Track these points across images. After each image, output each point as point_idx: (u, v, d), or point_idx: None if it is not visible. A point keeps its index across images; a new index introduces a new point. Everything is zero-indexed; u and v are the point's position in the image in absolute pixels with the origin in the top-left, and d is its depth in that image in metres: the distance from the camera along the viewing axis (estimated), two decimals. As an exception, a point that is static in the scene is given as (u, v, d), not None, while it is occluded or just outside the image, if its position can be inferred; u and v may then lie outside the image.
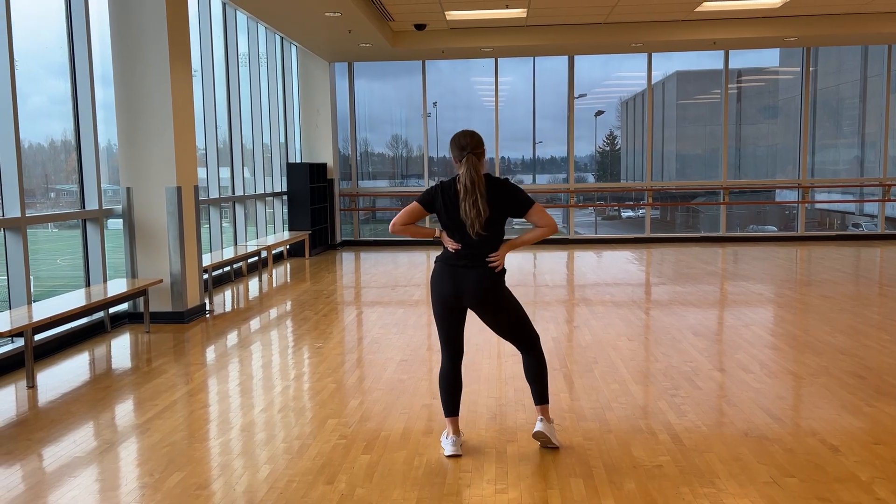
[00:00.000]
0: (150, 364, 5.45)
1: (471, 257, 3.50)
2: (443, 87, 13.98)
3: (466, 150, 3.48)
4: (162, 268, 6.90)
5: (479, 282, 3.49)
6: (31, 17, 6.17)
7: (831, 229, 14.60)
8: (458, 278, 3.50)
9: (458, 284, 3.50)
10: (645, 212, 13.78)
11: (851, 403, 4.22)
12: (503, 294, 3.58)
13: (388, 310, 7.33)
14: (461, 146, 3.50)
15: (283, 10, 8.98)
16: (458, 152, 3.50)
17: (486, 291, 3.51)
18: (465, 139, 3.52)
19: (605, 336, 5.98)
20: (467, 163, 3.45)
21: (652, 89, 13.38)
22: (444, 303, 3.56)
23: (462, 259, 3.51)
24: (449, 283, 3.52)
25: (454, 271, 3.51)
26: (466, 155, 3.46)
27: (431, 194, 3.57)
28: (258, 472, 3.40)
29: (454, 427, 3.62)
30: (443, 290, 3.54)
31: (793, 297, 7.71)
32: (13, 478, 3.40)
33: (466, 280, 3.49)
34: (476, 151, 3.49)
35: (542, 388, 3.65)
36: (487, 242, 3.50)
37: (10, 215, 5.59)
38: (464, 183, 3.42)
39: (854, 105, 14.34)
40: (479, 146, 3.52)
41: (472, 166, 3.44)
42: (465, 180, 3.43)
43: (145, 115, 6.76)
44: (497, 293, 3.54)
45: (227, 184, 9.84)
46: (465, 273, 3.50)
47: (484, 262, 3.50)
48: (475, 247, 3.49)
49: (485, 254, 3.50)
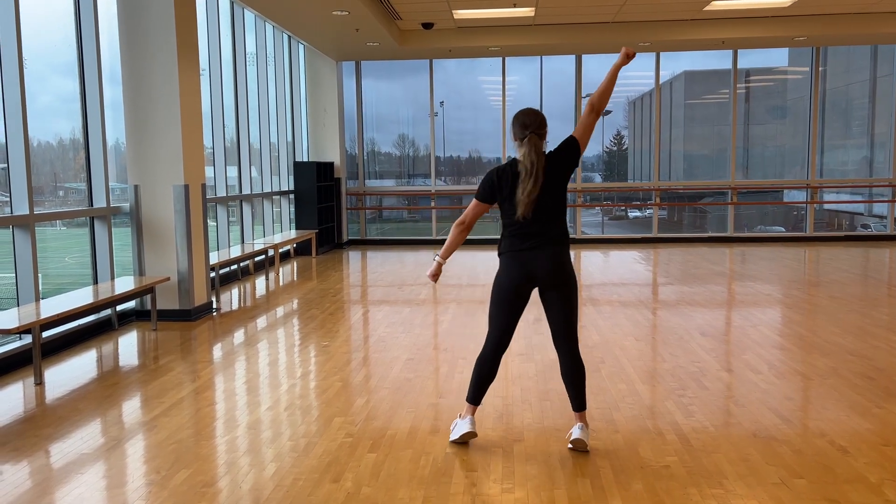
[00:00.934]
0: (157, 361, 5.46)
1: (538, 236, 3.43)
2: (450, 86, 13.98)
3: (529, 130, 3.40)
4: (169, 266, 6.91)
5: (552, 260, 3.43)
6: (40, 17, 6.19)
7: (840, 230, 14.53)
8: (530, 261, 3.44)
9: (531, 267, 3.44)
10: (652, 212, 13.74)
11: (860, 405, 4.19)
12: (573, 273, 3.52)
13: (394, 309, 7.33)
14: (524, 124, 3.42)
15: (290, 8, 8.99)
16: (520, 131, 3.42)
17: (559, 267, 3.44)
18: (529, 118, 3.43)
19: (613, 336, 5.96)
20: (529, 143, 3.38)
21: (660, 89, 13.34)
22: (515, 290, 3.48)
23: (529, 240, 3.43)
24: (521, 268, 3.45)
25: (525, 256, 3.44)
26: (528, 134, 3.39)
27: (489, 185, 3.49)
28: (264, 470, 3.40)
29: (470, 410, 3.60)
30: (515, 277, 3.47)
31: (801, 297, 7.67)
32: (20, 474, 3.41)
33: (538, 260, 3.43)
34: (539, 132, 3.41)
35: (582, 393, 3.57)
36: (551, 221, 3.43)
37: (19, 213, 5.61)
38: (525, 164, 3.36)
39: (863, 105, 14.26)
40: (542, 126, 3.44)
41: (533, 146, 3.37)
42: (526, 162, 3.36)
43: (153, 113, 6.77)
44: (567, 271, 3.48)
45: (234, 182, 9.85)
46: (536, 254, 3.43)
47: (551, 240, 3.43)
48: (540, 227, 3.42)
49: (550, 232, 3.43)
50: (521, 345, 5.64)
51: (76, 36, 6.54)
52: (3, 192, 5.87)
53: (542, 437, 3.74)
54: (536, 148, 3.38)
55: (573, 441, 3.54)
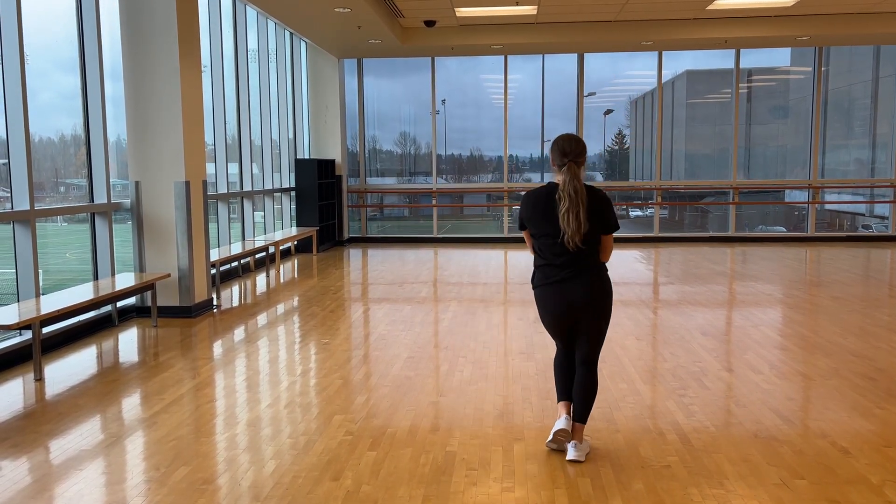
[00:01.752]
0: (157, 358, 5.45)
1: (572, 266, 3.38)
2: (451, 84, 13.96)
3: (569, 158, 3.36)
4: (170, 262, 6.91)
5: (589, 290, 3.38)
6: (42, 13, 6.18)
7: (841, 230, 14.51)
8: (566, 293, 3.39)
9: (568, 298, 3.39)
10: (653, 211, 13.72)
11: (862, 405, 4.18)
12: (610, 303, 3.48)
13: (395, 307, 7.32)
14: (563, 152, 3.38)
15: (292, 5, 8.97)
16: (560, 158, 3.39)
17: (598, 297, 3.40)
18: (570, 145, 3.39)
19: (613, 335, 5.95)
20: (569, 171, 3.34)
21: (662, 88, 13.32)
22: (558, 321, 3.47)
23: (564, 270, 3.39)
24: (558, 300, 3.41)
25: (559, 287, 3.40)
26: (568, 163, 3.35)
27: (523, 212, 3.49)
28: (264, 468, 3.39)
29: (566, 409, 3.55)
30: (553, 309, 3.44)
31: (802, 297, 7.65)
32: (20, 470, 3.40)
33: (575, 291, 3.38)
34: (578, 160, 3.37)
35: (587, 408, 3.52)
36: (588, 254, 3.39)
37: (20, 208, 5.60)
38: (567, 192, 3.30)
39: (865, 106, 14.24)
40: (581, 154, 3.40)
41: (574, 176, 3.33)
42: (568, 189, 3.30)
43: (155, 110, 6.76)
44: (606, 299, 3.44)
45: (235, 179, 9.84)
46: (570, 285, 3.39)
47: (588, 270, 3.39)
48: (575, 257, 3.37)
49: (583, 263, 3.38)
50: (522, 344, 5.63)
51: (78, 32, 6.53)
52: (4, 187, 5.86)
53: (542, 436, 3.73)
54: (576, 177, 3.33)
55: (568, 459, 3.44)
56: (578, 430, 3.49)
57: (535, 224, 3.44)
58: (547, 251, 3.43)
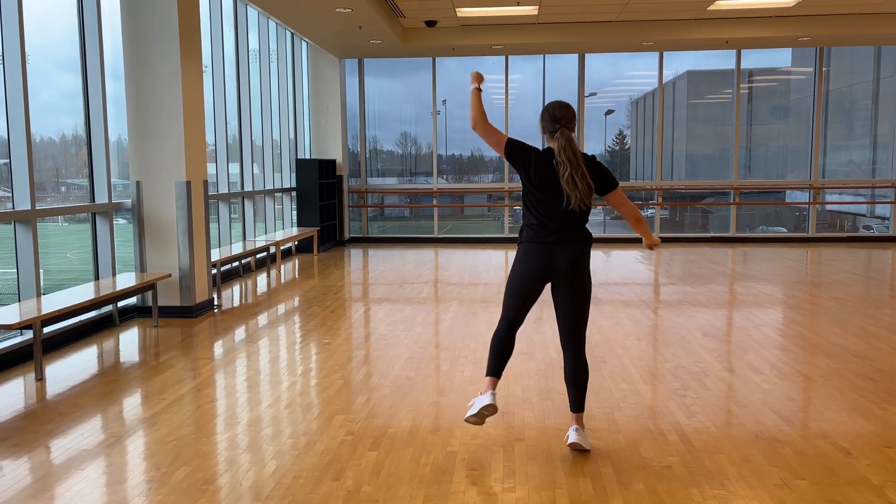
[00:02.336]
0: (157, 358, 5.45)
1: (563, 232, 3.41)
2: (452, 84, 13.95)
3: (560, 123, 3.36)
4: (171, 262, 6.91)
5: (573, 256, 3.42)
6: (43, 13, 6.18)
7: (842, 231, 14.50)
8: (551, 254, 3.42)
9: (550, 261, 3.42)
10: (654, 211, 13.72)
11: (863, 406, 4.18)
12: (589, 273, 3.52)
13: (396, 307, 7.32)
14: (554, 118, 3.38)
15: (293, 5, 8.97)
16: (551, 124, 3.39)
17: (577, 266, 3.43)
18: (560, 111, 3.39)
19: (614, 335, 5.95)
20: (562, 136, 3.34)
21: (663, 88, 13.32)
22: (532, 281, 3.48)
23: (554, 234, 3.42)
24: (541, 260, 3.43)
25: (547, 248, 3.42)
26: (560, 128, 3.35)
27: (525, 150, 3.45)
28: (265, 468, 3.39)
29: (490, 384, 3.54)
30: (533, 268, 3.45)
31: (803, 298, 7.65)
32: (20, 470, 3.40)
33: (560, 255, 3.41)
34: (569, 125, 3.38)
35: (582, 396, 3.56)
36: (581, 217, 3.42)
37: (21, 208, 5.60)
38: (566, 157, 3.30)
39: (866, 106, 14.23)
40: (572, 120, 3.41)
41: (568, 141, 3.33)
42: (567, 155, 3.30)
43: (155, 110, 6.76)
44: (585, 271, 3.48)
45: (236, 179, 9.84)
46: (558, 248, 3.42)
47: (576, 237, 3.42)
48: (567, 223, 3.40)
49: (575, 230, 3.42)
50: (523, 344, 5.63)
51: (79, 32, 6.53)
52: (5, 187, 5.86)
53: (543, 437, 3.73)
54: (571, 142, 3.33)
55: (570, 444, 3.53)
56: (579, 419, 3.55)
57: (537, 182, 3.41)
58: (543, 213, 3.43)
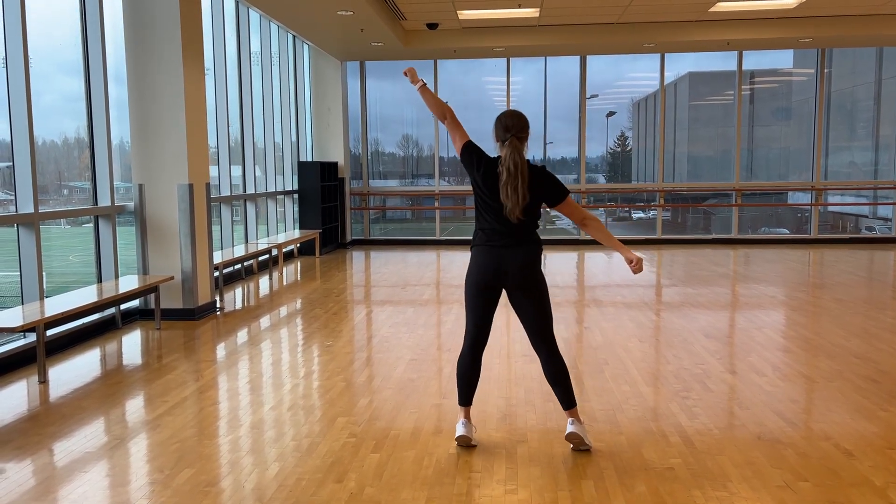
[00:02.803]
0: (160, 360, 5.46)
1: (512, 236, 3.46)
2: (454, 86, 13.97)
3: (511, 133, 3.43)
4: (173, 265, 6.92)
5: (522, 259, 3.47)
6: (46, 17, 6.20)
7: (844, 232, 14.49)
8: (501, 258, 3.47)
9: (500, 264, 3.47)
10: (656, 213, 13.72)
11: (865, 408, 4.18)
12: (541, 275, 3.55)
13: (397, 309, 7.32)
14: (506, 127, 3.45)
15: (295, 8, 8.99)
16: (502, 133, 3.45)
17: (527, 268, 3.47)
18: (511, 120, 3.46)
19: (616, 337, 5.95)
20: (510, 146, 3.40)
21: (664, 90, 13.32)
22: (484, 283, 3.51)
23: (504, 239, 3.47)
24: (492, 263, 3.48)
25: (497, 251, 3.48)
26: (510, 137, 3.42)
27: (479, 154, 3.52)
28: (267, 470, 3.40)
29: (465, 413, 3.62)
30: (484, 271, 3.49)
31: (805, 300, 7.65)
32: (24, 472, 3.41)
33: (509, 259, 3.46)
34: (520, 135, 3.44)
35: (568, 391, 3.57)
36: (526, 226, 3.47)
37: (24, 211, 5.62)
38: (507, 166, 3.37)
39: (868, 107, 14.22)
40: (523, 130, 3.46)
41: (514, 150, 3.39)
42: (508, 164, 3.37)
43: (158, 113, 6.78)
44: (536, 273, 3.52)
45: (238, 182, 9.86)
46: (508, 252, 3.47)
47: (524, 241, 3.47)
48: (515, 228, 3.45)
49: (523, 235, 3.47)
50: (525, 346, 5.63)
51: (81, 35, 6.55)
52: (9, 190, 5.88)
53: (545, 439, 3.74)
54: (518, 151, 3.40)
55: (567, 435, 3.54)
56: (573, 413, 3.58)
57: (483, 186, 3.48)
58: (491, 218, 3.49)
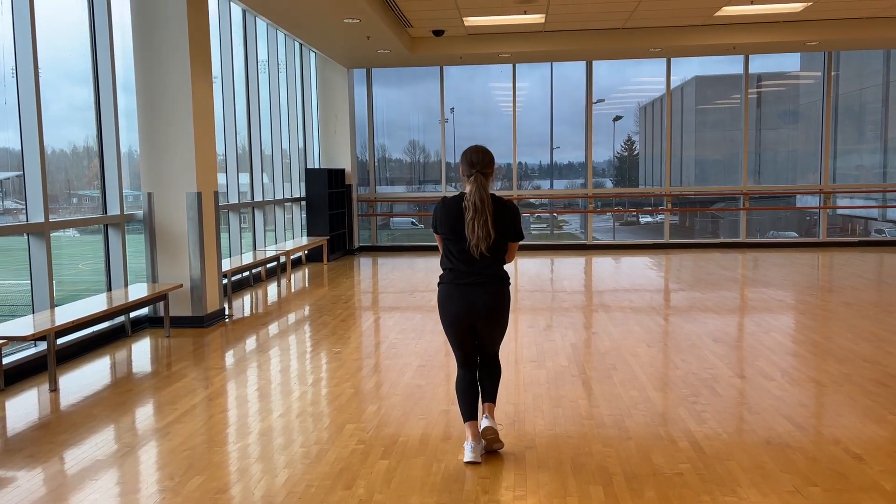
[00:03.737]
0: (170, 368, 5.49)
1: (478, 274, 3.51)
2: (460, 92, 14.00)
3: (476, 168, 3.47)
4: (182, 272, 6.95)
5: (491, 297, 3.52)
6: (55, 27, 6.26)
7: (853, 235, 14.42)
8: (469, 296, 3.51)
9: (470, 302, 3.51)
10: (664, 217, 13.69)
11: (875, 412, 4.16)
12: (507, 308, 3.62)
13: (405, 315, 7.33)
14: (471, 163, 3.50)
15: (302, 16, 9.04)
16: (468, 168, 3.51)
17: (496, 306, 3.54)
18: (476, 156, 3.51)
19: (624, 342, 5.94)
20: (475, 182, 3.45)
21: (671, 94, 13.32)
22: (457, 322, 3.57)
23: (470, 276, 3.51)
24: (460, 301, 3.53)
25: (464, 290, 3.52)
26: (475, 173, 3.46)
27: (437, 216, 3.59)
28: (276, 477, 3.41)
29: (473, 432, 3.59)
30: (454, 310, 3.55)
31: (814, 303, 7.62)
32: (35, 480, 3.44)
33: (478, 297, 3.51)
34: (484, 171, 3.48)
35: (496, 387, 3.76)
36: (492, 261, 3.52)
37: (34, 220, 5.66)
38: (473, 202, 3.42)
39: (876, 110, 14.17)
40: (488, 166, 3.51)
41: (480, 186, 3.44)
42: (474, 199, 3.42)
43: (166, 121, 6.82)
44: (504, 309, 3.59)
45: (246, 189, 9.90)
46: (475, 290, 3.51)
47: (492, 279, 3.53)
48: (481, 264, 3.50)
49: (491, 270, 3.52)
50: (533, 352, 5.63)
51: (90, 45, 6.61)
52: (19, 199, 5.92)
53: (553, 444, 3.74)
54: (482, 187, 3.44)
55: (484, 430, 3.60)
56: (491, 408, 3.69)
57: (447, 229, 3.53)
58: (455, 256, 3.54)
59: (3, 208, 6.72)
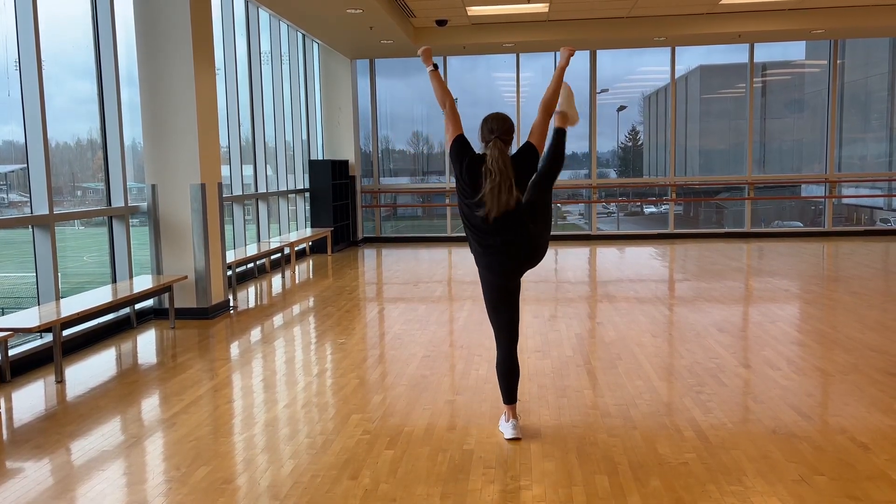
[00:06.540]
0: (175, 359, 5.50)
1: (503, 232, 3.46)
2: (464, 83, 13.97)
3: (494, 135, 3.44)
4: (187, 264, 6.96)
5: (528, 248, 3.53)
6: (58, 20, 6.24)
7: (859, 224, 14.37)
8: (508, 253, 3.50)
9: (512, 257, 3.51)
10: (668, 207, 13.66)
11: (881, 401, 4.15)
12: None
13: (410, 306, 7.34)
14: (490, 129, 3.47)
15: (305, 7, 9.01)
16: (487, 134, 3.47)
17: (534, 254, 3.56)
18: (497, 123, 3.47)
19: (629, 332, 5.93)
20: (494, 147, 3.40)
21: (675, 83, 13.25)
22: (494, 284, 3.61)
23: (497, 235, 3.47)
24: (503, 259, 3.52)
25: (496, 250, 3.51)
26: (493, 139, 3.43)
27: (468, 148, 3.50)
28: (282, 467, 3.42)
29: (512, 412, 3.70)
30: (491, 271, 3.58)
31: (820, 293, 7.60)
32: (42, 471, 3.45)
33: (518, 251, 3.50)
34: (504, 138, 3.44)
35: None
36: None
37: (39, 213, 5.67)
38: (498, 167, 3.36)
39: (882, 98, 14.09)
40: (508, 133, 3.47)
41: (499, 151, 3.39)
42: (494, 166, 3.37)
43: (170, 113, 6.82)
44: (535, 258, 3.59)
45: (250, 181, 9.90)
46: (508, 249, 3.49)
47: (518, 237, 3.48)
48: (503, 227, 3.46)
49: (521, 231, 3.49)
50: (538, 341, 5.63)
51: (93, 38, 6.60)
52: (24, 192, 5.93)
53: (559, 434, 3.74)
54: (502, 152, 3.40)
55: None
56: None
57: (465, 179, 3.47)
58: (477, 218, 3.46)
59: (8, 201, 6.73)
